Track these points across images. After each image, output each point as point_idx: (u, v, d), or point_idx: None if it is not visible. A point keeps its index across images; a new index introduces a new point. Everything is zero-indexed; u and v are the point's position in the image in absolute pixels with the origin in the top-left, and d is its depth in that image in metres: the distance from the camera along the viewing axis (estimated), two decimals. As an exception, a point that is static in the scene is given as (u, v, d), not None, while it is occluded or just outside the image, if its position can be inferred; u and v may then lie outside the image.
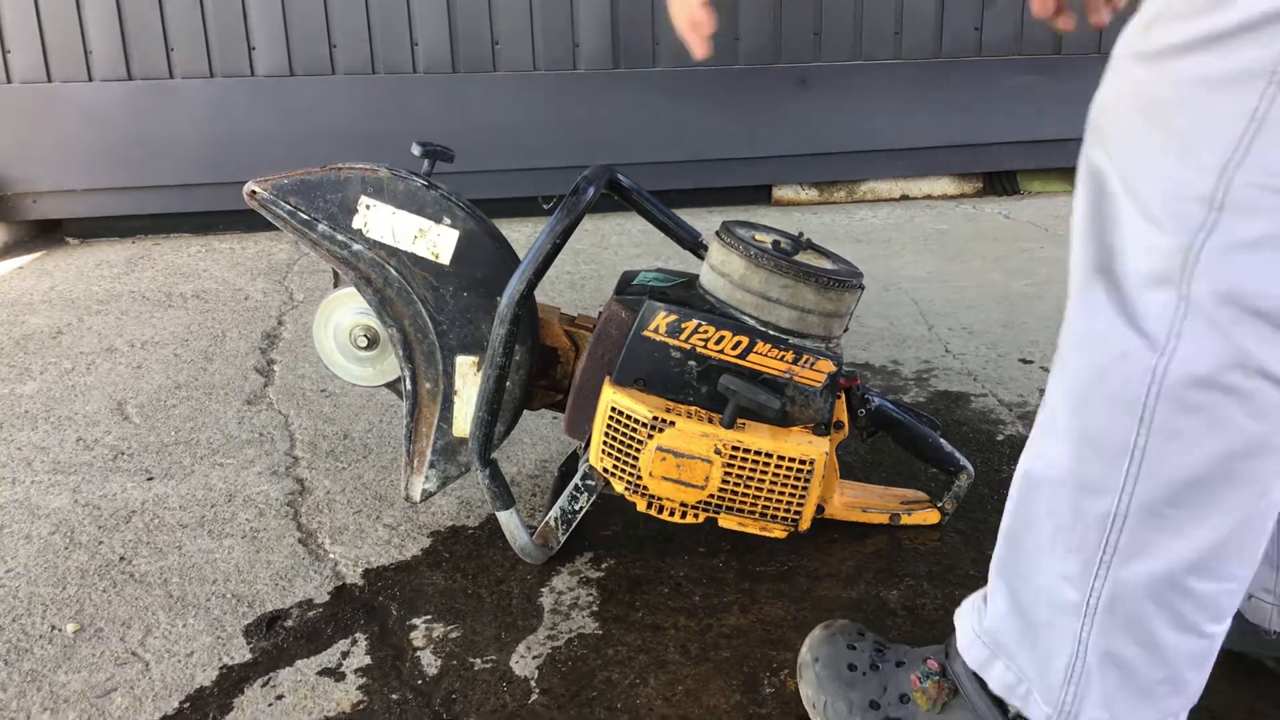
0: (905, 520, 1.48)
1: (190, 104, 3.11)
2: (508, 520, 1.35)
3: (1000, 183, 3.76)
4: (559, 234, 1.26)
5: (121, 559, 1.44)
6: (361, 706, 1.15)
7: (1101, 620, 0.86)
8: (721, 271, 1.29)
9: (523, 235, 1.38)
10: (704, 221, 1.44)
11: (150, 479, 1.67)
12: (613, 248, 2.97)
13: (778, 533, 1.29)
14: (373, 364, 1.43)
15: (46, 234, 3.22)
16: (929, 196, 3.70)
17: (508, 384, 1.35)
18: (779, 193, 3.60)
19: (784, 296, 1.25)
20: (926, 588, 1.35)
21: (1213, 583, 0.83)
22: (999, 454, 1.73)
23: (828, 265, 1.31)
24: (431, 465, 1.40)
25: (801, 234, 1.35)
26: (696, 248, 1.47)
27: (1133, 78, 0.78)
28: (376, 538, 1.49)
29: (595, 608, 1.32)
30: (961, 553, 1.43)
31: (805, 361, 1.26)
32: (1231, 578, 0.84)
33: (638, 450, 1.24)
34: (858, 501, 1.47)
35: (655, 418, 1.23)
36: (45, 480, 1.67)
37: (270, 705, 1.16)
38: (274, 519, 1.55)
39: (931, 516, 1.48)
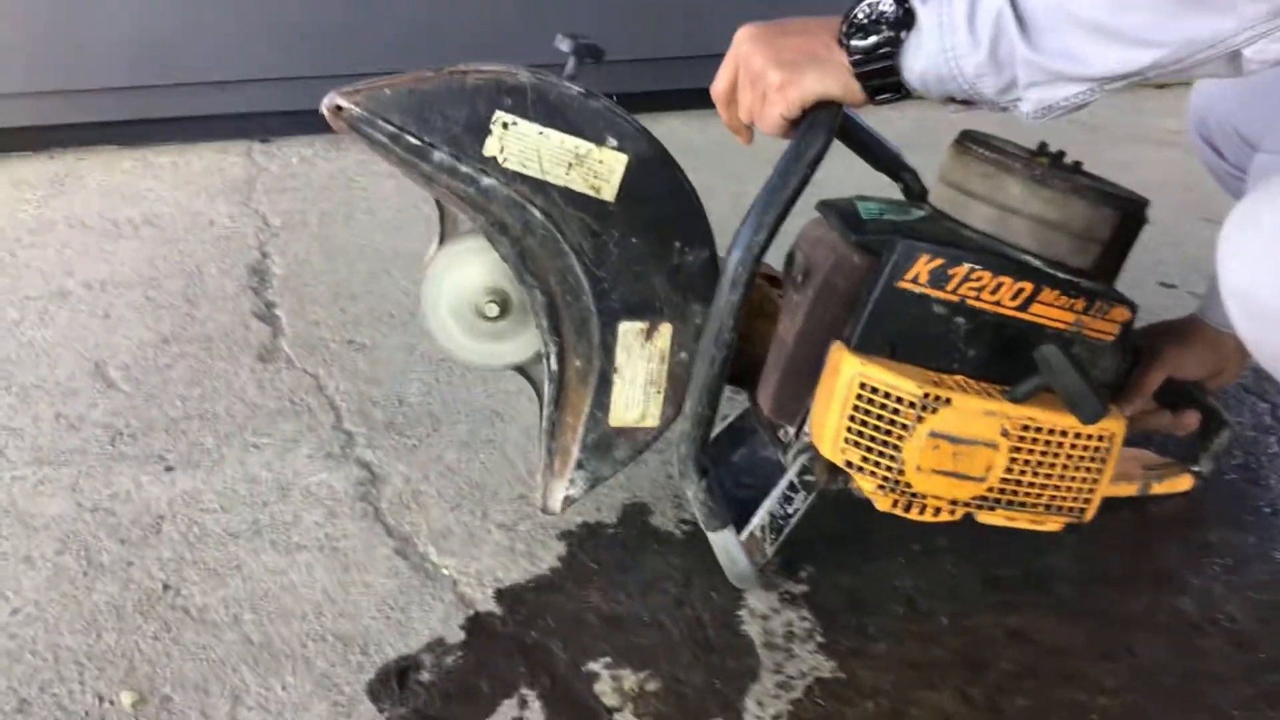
0: (1155, 489, 1.24)
1: (115, -9, 2.62)
2: (725, 541, 1.05)
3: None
4: (809, 162, 0.93)
5: (166, 588, 1.10)
6: (572, 804, 0.86)
7: None
8: (978, 194, 0.99)
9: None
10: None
11: (169, 469, 1.31)
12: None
13: (1052, 526, 1.02)
14: (505, 338, 1.09)
15: (-58, 148, 2.71)
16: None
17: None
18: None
19: (1075, 225, 0.97)
20: (1221, 590, 1.10)
21: None
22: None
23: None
24: (579, 465, 1.08)
25: (1044, 144, 1.05)
26: (898, 169, 1.16)
27: None
28: (494, 544, 1.17)
29: (820, 638, 1.04)
30: (1253, 548, 1.19)
31: (1097, 310, 0.98)
32: None
33: (900, 437, 0.95)
34: None
35: (927, 395, 0.93)
36: (29, 475, 1.30)
37: (443, 808, 0.85)
38: (350, 521, 1.21)
39: (1183, 482, 1.25)
